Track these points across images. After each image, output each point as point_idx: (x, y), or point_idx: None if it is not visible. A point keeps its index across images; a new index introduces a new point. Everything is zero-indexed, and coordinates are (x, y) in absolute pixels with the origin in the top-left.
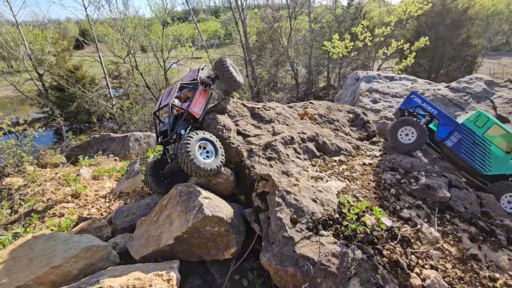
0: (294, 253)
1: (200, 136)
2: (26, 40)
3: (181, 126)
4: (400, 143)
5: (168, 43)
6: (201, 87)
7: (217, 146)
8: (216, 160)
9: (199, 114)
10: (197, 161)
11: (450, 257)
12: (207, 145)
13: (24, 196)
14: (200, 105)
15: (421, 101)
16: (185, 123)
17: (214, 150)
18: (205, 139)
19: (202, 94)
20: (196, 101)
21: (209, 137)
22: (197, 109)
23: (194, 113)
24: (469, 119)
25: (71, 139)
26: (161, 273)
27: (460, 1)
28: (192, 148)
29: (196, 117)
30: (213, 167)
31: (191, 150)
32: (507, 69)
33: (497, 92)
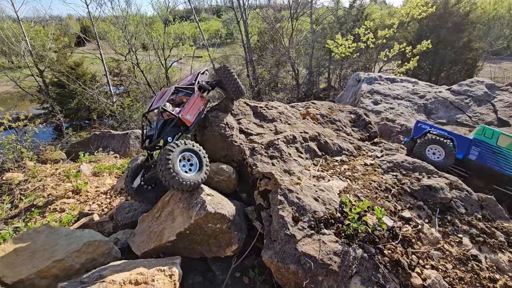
0: (296, 251)
1: (184, 147)
2: (27, 36)
3: (169, 133)
4: (430, 160)
5: (170, 41)
6: (197, 93)
7: (202, 158)
8: (199, 174)
9: (191, 121)
10: (177, 175)
11: (451, 258)
12: (191, 157)
13: (25, 191)
14: (193, 112)
15: (429, 126)
16: (174, 130)
17: (198, 163)
18: (190, 150)
19: (198, 101)
20: (189, 107)
21: (194, 148)
22: (189, 116)
23: (185, 120)
24: (477, 133)
25: (71, 135)
26: (163, 269)
27: (462, 4)
28: (173, 159)
29: (187, 124)
30: (194, 182)
31: (172, 162)
32: (508, 74)
33: (498, 95)
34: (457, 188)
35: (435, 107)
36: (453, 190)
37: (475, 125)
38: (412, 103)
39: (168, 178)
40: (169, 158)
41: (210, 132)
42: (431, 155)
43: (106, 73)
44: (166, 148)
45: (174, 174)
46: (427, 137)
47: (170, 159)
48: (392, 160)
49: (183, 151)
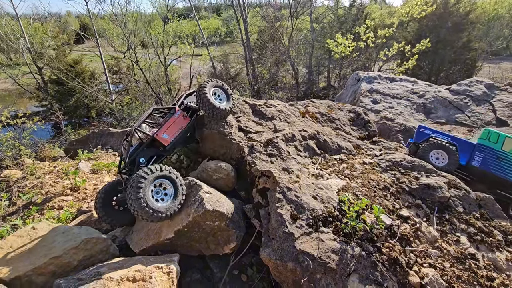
0: (294, 248)
1: (158, 173)
2: (26, 33)
3: (142, 154)
4: (433, 165)
5: (169, 39)
6: (179, 112)
7: (177, 185)
8: (173, 204)
9: (168, 141)
10: (147, 206)
11: (449, 256)
12: (166, 185)
13: (23, 189)
14: (172, 131)
15: (431, 132)
16: (149, 151)
17: (173, 190)
18: (164, 177)
19: (179, 120)
20: (167, 126)
21: (169, 175)
22: (166, 136)
23: (161, 139)
24: (482, 137)
25: (70, 133)
26: (161, 266)
27: (462, 4)
28: (144, 187)
29: (164, 144)
30: (166, 214)
31: (142, 190)
32: (507, 74)
33: (497, 95)
34: (455, 187)
35: (434, 107)
36: (451, 189)
37: (474, 125)
38: (411, 103)
39: (138, 208)
40: (141, 185)
41: (209, 130)
42: (434, 159)
43: (105, 70)
44: (138, 174)
45: (144, 205)
46: (431, 142)
47: (141, 187)
48: (390, 159)
49: (157, 178)
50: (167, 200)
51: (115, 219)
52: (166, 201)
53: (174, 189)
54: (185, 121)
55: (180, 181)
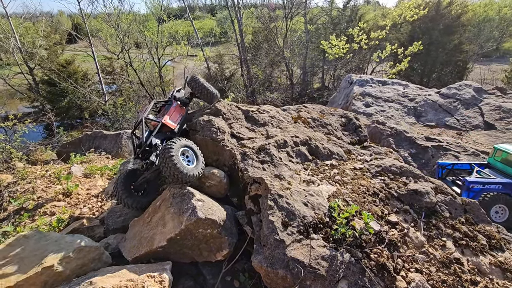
0: (285, 256)
1: (183, 142)
2: (17, 32)
3: (156, 137)
4: (491, 219)
5: (164, 40)
6: (175, 103)
7: (197, 153)
8: (197, 167)
9: (175, 125)
10: (181, 167)
11: (435, 261)
12: (188, 152)
13: (14, 194)
14: (175, 118)
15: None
16: (160, 135)
17: (195, 157)
18: (187, 146)
19: (177, 109)
20: (170, 113)
21: (190, 144)
22: (171, 121)
23: (169, 124)
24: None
25: (62, 135)
26: (153, 275)
27: (453, 7)
28: (175, 153)
29: (171, 127)
30: (195, 173)
31: (175, 155)
32: (497, 75)
33: (485, 99)
34: (442, 192)
35: (425, 110)
36: (438, 195)
37: (463, 128)
38: (402, 106)
39: (173, 169)
40: (173, 152)
41: (202, 136)
42: (493, 213)
43: (98, 71)
44: (169, 143)
45: (179, 166)
46: (494, 196)
47: (174, 153)
48: (380, 164)
49: (182, 146)
50: (192, 164)
51: (136, 203)
52: (191, 164)
53: (195, 155)
54: (182, 110)
55: (199, 150)
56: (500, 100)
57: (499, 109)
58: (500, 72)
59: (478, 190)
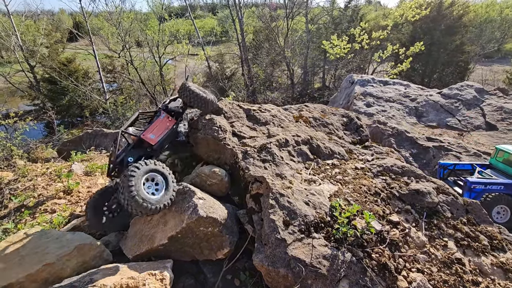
0: (286, 254)
1: (150, 167)
2: (18, 30)
3: (130, 154)
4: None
5: (165, 38)
6: (164, 114)
7: (169, 178)
8: (165, 196)
9: (155, 140)
10: (140, 198)
11: (436, 261)
12: (156, 177)
13: (14, 191)
14: (158, 132)
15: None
16: (136, 151)
17: (164, 184)
18: (155, 171)
19: (164, 121)
20: (154, 127)
21: (160, 169)
22: (153, 136)
23: (148, 139)
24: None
25: (63, 133)
26: (154, 273)
27: (455, 7)
28: (136, 180)
29: (151, 143)
30: (159, 206)
31: (135, 183)
32: (498, 76)
33: (487, 100)
34: (444, 192)
35: (426, 110)
36: (440, 195)
37: (464, 129)
38: (404, 106)
39: (129, 199)
40: (132, 179)
41: (203, 135)
42: (495, 214)
43: (99, 69)
44: (130, 168)
45: (137, 198)
46: (494, 198)
47: (133, 180)
48: (382, 164)
49: (148, 172)
50: (159, 193)
51: (106, 227)
52: (158, 193)
53: (165, 183)
54: (170, 122)
55: (172, 177)
56: (502, 101)
57: (500, 110)
58: (501, 73)
59: (480, 190)
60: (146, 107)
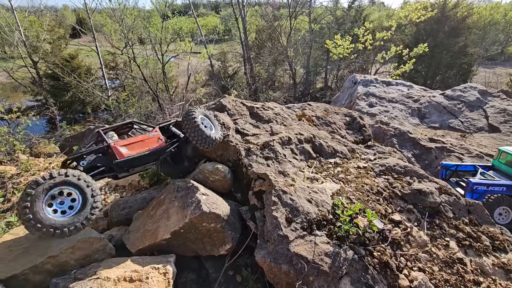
0: (289, 251)
1: (56, 180)
2: (21, 26)
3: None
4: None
5: (168, 36)
6: (155, 133)
7: (87, 192)
8: (76, 218)
9: (123, 155)
10: (36, 222)
11: (438, 260)
12: (73, 194)
13: (17, 185)
14: (135, 148)
15: (454, 167)
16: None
17: (81, 201)
18: (67, 184)
19: (151, 140)
20: (132, 141)
21: (74, 180)
22: (125, 149)
23: (117, 151)
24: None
25: (65, 129)
26: (157, 266)
27: (459, 9)
28: (35, 194)
29: (117, 156)
30: (66, 230)
31: (32, 198)
32: (502, 79)
33: (490, 102)
34: (446, 192)
35: (429, 111)
36: (442, 195)
37: (467, 130)
38: (406, 107)
39: (23, 219)
40: (29, 193)
41: None
42: (497, 215)
43: (101, 66)
44: (28, 184)
45: (29, 217)
46: (496, 199)
47: (28, 206)
48: (384, 163)
49: (53, 187)
50: (70, 214)
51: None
52: (67, 215)
53: (83, 200)
54: (157, 144)
55: (93, 190)
56: (505, 103)
57: (504, 112)
58: (505, 75)
59: (482, 191)
60: (149, 104)
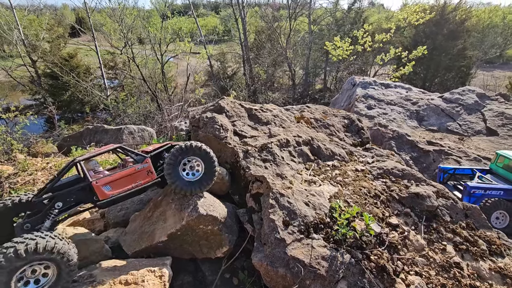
0: (285, 254)
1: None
2: (21, 24)
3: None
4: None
5: (167, 36)
6: (145, 165)
7: (62, 272)
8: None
9: (106, 196)
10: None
11: (434, 265)
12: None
13: (14, 185)
14: (120, 186)
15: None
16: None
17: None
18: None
19: (138, 174)
20: (117, 177)
21: (54, 257)
22: (108, 188)
23: (99, 190)
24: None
25: (63, 128)
26: (153, 269)
27: (458, 12)
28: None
29: (99, 197)
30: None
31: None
32: (500, 82)
33: (488, 105)
34: (443, 196)
35: (427, 114)
36: (439, 198)
37: (465, 133)
38: (405, 109)
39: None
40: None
41: (204, 133)
42: (494, 219)
43: (100, 65)
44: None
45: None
46: (493, 203)
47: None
48: (382, 166)
49: (25, 264)
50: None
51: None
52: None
53: (57, 275)
54: (146, 178)
55: (70, 266)
56: (503, 106)
57: (501, 116)
58: (503, 78)
59: (479, 195)
60: (147, 104)
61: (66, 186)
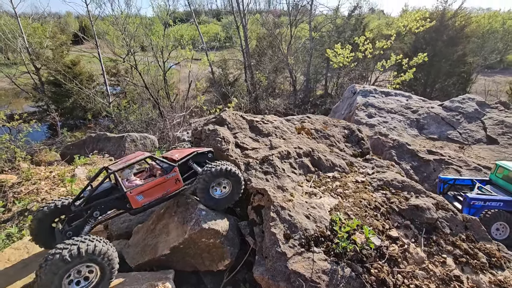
0: (286, 268)
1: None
2: (25, 32)
3: (101, 205)
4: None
5: (169, 44)
6: (173, 174)
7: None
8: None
9: (140, 204)
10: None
11: (435, 278)
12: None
13: (18, 194)
14: (152, 194)
15: (452, 180)
16: (113, 204)
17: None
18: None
19: (167, 184)
20: (148, 187)
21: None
22: (141, 197)
23: (133, 200)
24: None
25: (66, 135)
26: (156, 284)
27: (457, 18)
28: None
29: (133, 206)
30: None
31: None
32: (501, 87)
33: (488, 113)
34: (443, 208)
35: (427, 122)
36: (439, 211)
37: (465, 142)
38: (405, 118)
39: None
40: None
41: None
42: (494, 231)
43: (103, 73)
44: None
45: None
46: (493, 214)
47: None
48: (382, 178)
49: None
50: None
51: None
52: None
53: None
54: (174, 187)
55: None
56: (503, 114)
57: (502, 124)
58: (504, 84)
59: (479, 206)
60: (149, 111)
61: (102, 195)
